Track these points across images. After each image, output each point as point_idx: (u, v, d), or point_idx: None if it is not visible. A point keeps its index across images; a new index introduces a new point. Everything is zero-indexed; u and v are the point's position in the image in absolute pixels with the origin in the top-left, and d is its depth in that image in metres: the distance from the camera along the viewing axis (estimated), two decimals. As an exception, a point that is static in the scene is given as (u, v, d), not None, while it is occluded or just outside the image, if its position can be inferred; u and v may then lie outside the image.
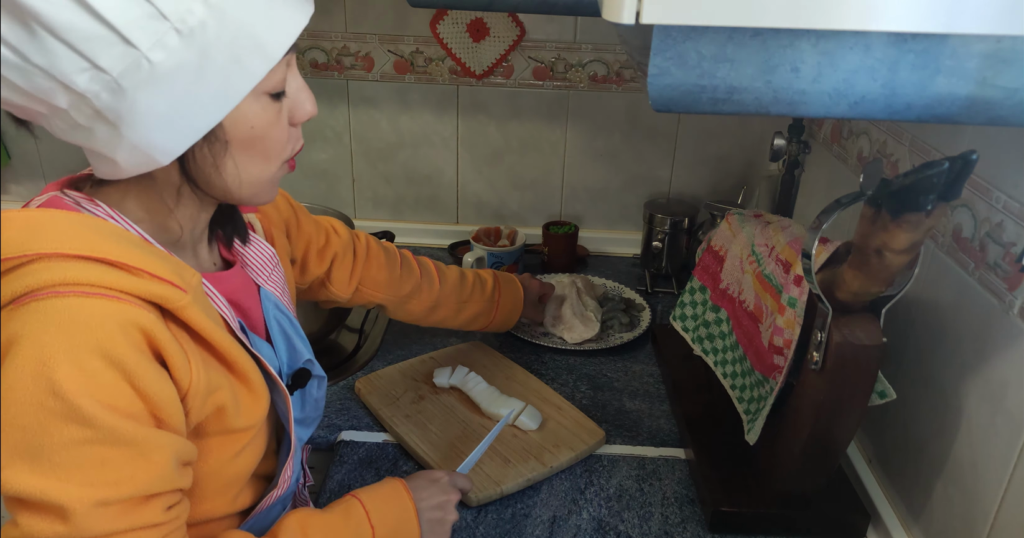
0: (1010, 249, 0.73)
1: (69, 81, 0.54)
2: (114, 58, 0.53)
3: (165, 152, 0.59)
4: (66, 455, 0.53)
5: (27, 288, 0.53)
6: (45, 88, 0.54)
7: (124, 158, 0.59)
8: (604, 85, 1.50)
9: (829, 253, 0.79)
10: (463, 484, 0.87)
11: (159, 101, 0.56)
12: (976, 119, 0.53)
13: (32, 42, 0.52)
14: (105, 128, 0.57)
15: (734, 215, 1.06)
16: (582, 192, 1.62)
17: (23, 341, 0.52)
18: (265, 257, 0.78)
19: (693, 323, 1.09)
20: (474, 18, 1.46)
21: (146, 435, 0.56)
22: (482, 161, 1.60)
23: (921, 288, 0.89)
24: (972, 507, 0.78)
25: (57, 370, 0.52)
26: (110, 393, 0.54)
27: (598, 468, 1.00)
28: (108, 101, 0.55)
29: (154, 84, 0.55)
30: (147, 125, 0.57)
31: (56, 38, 0.52)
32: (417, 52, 1.50)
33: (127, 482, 0.55)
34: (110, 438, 0.54)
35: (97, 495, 0.53)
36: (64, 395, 0.52)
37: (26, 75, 0.54)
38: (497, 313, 1.19)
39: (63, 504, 0.52)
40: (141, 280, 0.57)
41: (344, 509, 0.75)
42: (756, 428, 0.88)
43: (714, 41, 0.51)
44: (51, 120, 0.58)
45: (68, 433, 0.52)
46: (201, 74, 0.56)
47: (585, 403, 1.13)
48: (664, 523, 0.92)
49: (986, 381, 0.76)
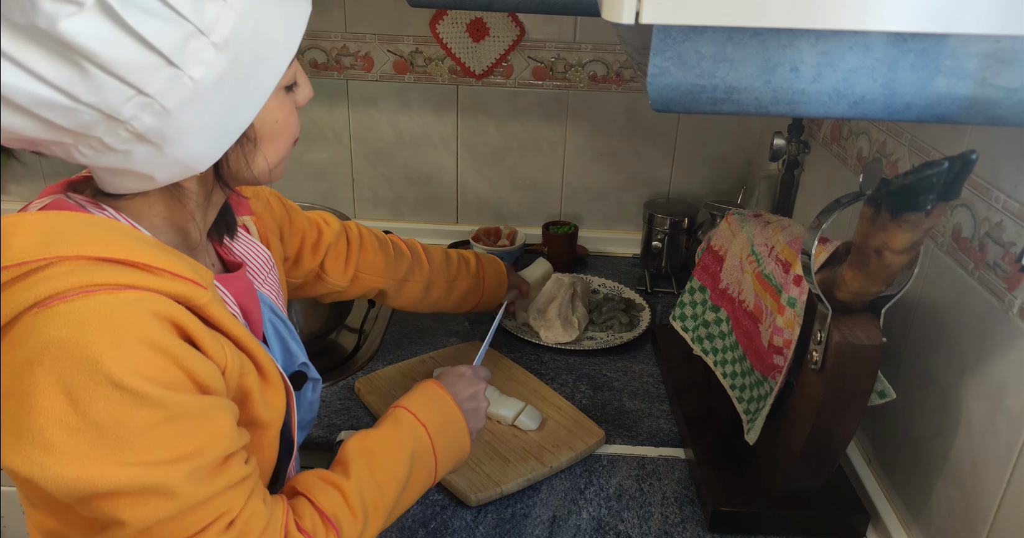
0: (1010, 249, 0.73)
1: (115, 112, 0.54)
2: (160, 82, 0.54)
3: (204, 160, 0.60)
4: (146, 439, 0.54)
5: (53, 291, 0.53)
6: (87, 122, 0.54)
7: (164, 173, 0.59)
8: (604, 85, 1.50)
9: (829, 253, 0.79)
10: (484, 374, 0.93)
11: (202, 114, 0.56)
12: (976, 119, 0.53)
13: (83, 82, 0.52)
14: (145, 148, 0.57)
15: (734, 215, 1.06)
16: (582, 192, 1.62)
17: (64, 346, 0.52)
18: (261, 260, 0.79)
19: (693, 323, 1.09)
20: (474, 18, 1.46)
21: (206, 403, 0.58)
22: (482, 161, 1.60)
23: (921, 288, 0.89)
24: (972, 507, 0.78)
25: (111, 365, 0.52)
26: (164, 375, 0.55)
27: (598, 468, 1.00)
28: (151, 123, 0.55)
29: (196, 99, 0.55)
30: (190, 139, 0.57)
31: (108, 74, 0.52)
32: (417, 52, 1.50)
33: (207, 448, 0.57)
34: (179, 413, 0.55)
35: (186, 466, 0.56)
36: (126, 385, 0.53)
37: (71, 114, 0.53)
38: (485, 288, 1.19)
39: (162, 483, 0.54)
40: (163, 279, 0.57)
41: (393, 419, 0.81)
42: (756, 428, 0.88)
43: (714, 41, 0.51)
44: (74, 148, 0.57)
45: (141, 418, 0.54)
46: (235, 81, 0.57)
47: (585, 403, 1.13)
48: (664, 523, 0.92)
49: (986, 381, 0.76)
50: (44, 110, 0.52)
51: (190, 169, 0.60)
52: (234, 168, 0.64)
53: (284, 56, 0.60)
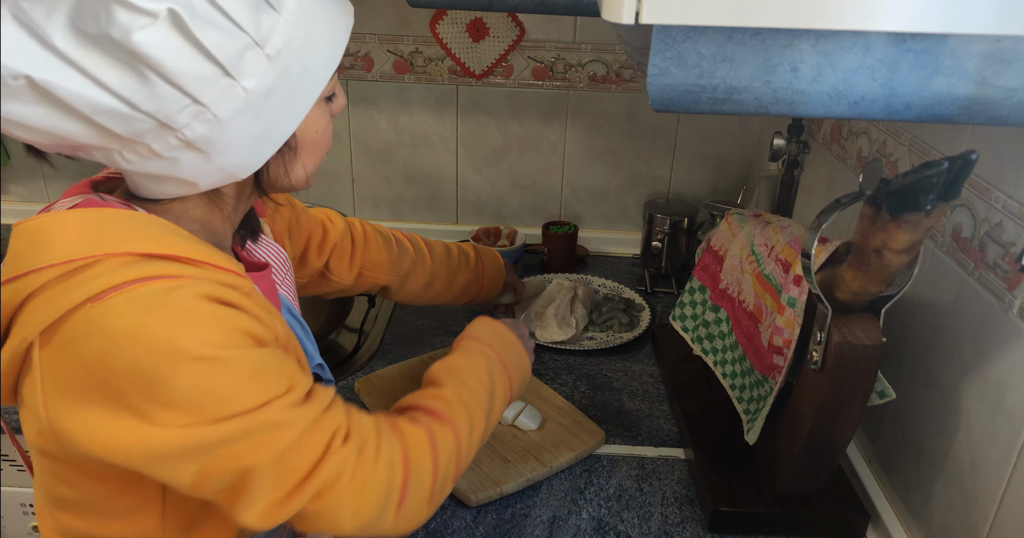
0: (1009, 249, 0.73)
1: (170, 120, 0.55)
2: (215, 92, 0.55)
3: (246, 168, 0.62)
4: (247, 389, 0.57)
5: (107, 285, 0.54)
6: (141, 130, 0.55)
7: (207, 180, 0.61)
8: (604, 85, 1.50)
9: (828, 253, 0.79)
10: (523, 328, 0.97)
11: (250, 124, 0.58)
12: (975, 119, 0.53)
13: (144, 90, 0.53)
14: (192, 156, 0.58)
15: (734, 215, 1.06)
16: (582, 192, 1.62)
17: (134, 333, 0.53)
18: (280, 261, 0.80)
19: (693, 323, 1.09)
20: (473, 18, 1.46)
21: (277, 351, 0.62)
22: (482, 161, 1.60)
23: (921, 288, 0.89)
24: (971, 507, 0.78)
25: (183, 342, 0.54)
26: (231, 338, 0.57)
27: (598, 468, 1.00)
28: (202, 131, 0.56)
29: (247, 109, 0.57)
30: (236, 147, 0.59)
31: (169, 83, 0.53)
32: (416, 52, 1.50)
33: (294, 384, 0.61)
34: (258, 365, 0.58)
35: (283, 403, 0.59)
36: (203, 356, 0.55)
37: (128, 122, 0.54)
38: (484, 281, 1.20)
39: (269, 420, 0.58)
40: (208, 271, 0.59)
41: (460, 346, 0.85)
42: (756, 428, 0.88)
43: (714, 41, 0.51)
44: (118, 153, 0.58)
45: (234, 375, 0.56)
46: (283, 91, 0.58)
47: (585, 403, 1.13)
48: (664, 523, 0.92)
49: (985, 381, 0.76)
50: (102, 117, 0.53)
51: (232, 176, 0.62)
52: (273, 176, 0.66)
53: (329, 68, 0.62)
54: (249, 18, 0.54)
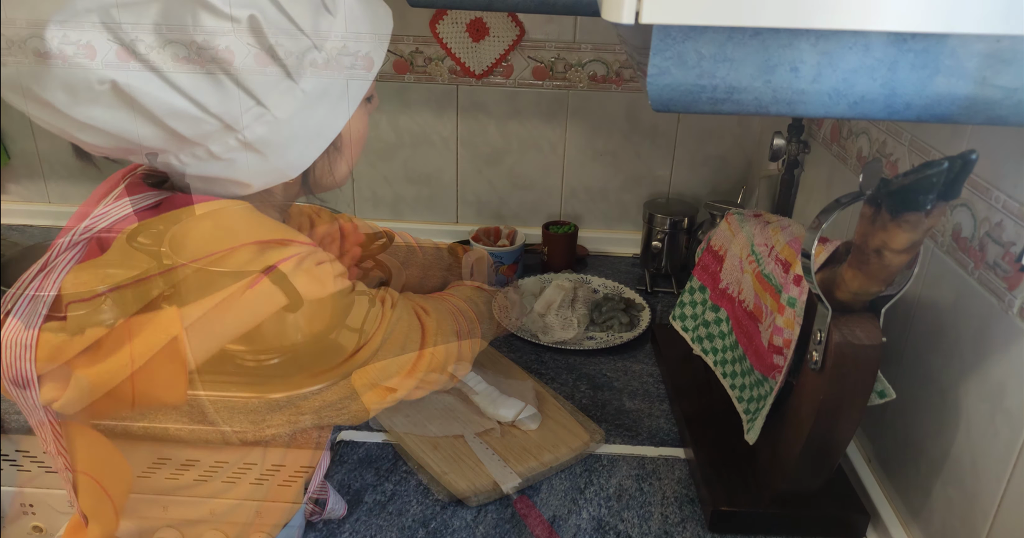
0: (1010, 249, 0.73)
1: (234, 121, 0.57)
2: (277, 94, 0.57)
3: (297, 167, 0.64)
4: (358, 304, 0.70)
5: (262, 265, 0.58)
6: (205, 132, 0.57)
7: (260, 180, 0.63)
8: (604, 85, 1.50)
9: (829, 253, 0.79)
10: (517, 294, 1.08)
11: (305, 124, 0.60)
12: (975, 119, 0.53)
13: (216, 92, 0.55)
14: (249, 157, 0.60)
15: (734, 215, 1.06)
16: (582, 192, 1.62)
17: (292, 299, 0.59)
18: None
19: (693, 323, 1.09)
20: (473, 18, 1.46)
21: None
22: (482, 161, 1.59)
23: (921, 288, 0.89)
24: (971, 506, 0.78)
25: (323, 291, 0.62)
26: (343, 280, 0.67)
27: (598, 468, 1.00)
28: (261, 132, 0.58)
29: (303, 110, 0.59)
30: (290, 147, 0.61)
31: (239, 86, 0.55)
32: (416, 52, 1.49)
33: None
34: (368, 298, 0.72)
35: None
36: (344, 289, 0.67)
37: (196, 124, 0.56)
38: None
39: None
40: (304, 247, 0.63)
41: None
42: (756, 428, 0.88)
43: (713, 41, 0.51)
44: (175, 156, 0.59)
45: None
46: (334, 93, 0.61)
47: (585, 403, 1.13)
48: (664, 523, 0.92)
49: (985, 381, 0.76)
50: (173, 119, 0.55)
51: (283, 176, 0.64)
52: (319, 174, 0.69)
53: (372, 69, 0.66)
54: (310, 24, 0.56)
